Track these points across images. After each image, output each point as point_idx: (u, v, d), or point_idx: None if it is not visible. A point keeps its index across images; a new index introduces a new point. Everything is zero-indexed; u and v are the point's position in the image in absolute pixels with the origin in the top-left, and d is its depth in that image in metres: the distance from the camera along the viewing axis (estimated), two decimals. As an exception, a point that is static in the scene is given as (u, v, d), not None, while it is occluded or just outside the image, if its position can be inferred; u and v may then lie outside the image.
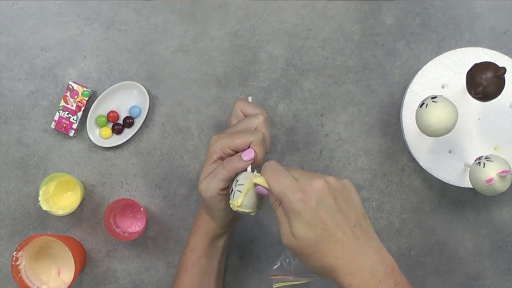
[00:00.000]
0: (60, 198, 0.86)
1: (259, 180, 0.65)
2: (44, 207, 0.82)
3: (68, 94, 0.85)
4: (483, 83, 0.74)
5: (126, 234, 0.86)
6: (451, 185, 0.85)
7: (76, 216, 0.88)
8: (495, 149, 0.85)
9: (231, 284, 0.88)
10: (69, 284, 0.80)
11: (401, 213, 0.89)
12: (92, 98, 0.87)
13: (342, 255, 0.60)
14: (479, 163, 0.76)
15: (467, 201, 0.89)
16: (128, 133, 0.87)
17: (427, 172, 0.85)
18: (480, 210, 0.89)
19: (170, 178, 0.88)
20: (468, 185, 0.81)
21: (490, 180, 0.74)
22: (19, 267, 0.80)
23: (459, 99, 0.82)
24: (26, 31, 0.87)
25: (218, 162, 0.72)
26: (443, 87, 0.86)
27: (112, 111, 0.86)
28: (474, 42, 0.88)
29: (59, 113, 0.86)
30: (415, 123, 0.77)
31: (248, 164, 0.70)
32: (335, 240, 0.60)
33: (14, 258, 0.79)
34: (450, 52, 0.85)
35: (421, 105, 0.76)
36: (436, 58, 0.85)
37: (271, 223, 0.88)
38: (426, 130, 0.76)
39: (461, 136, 0.85)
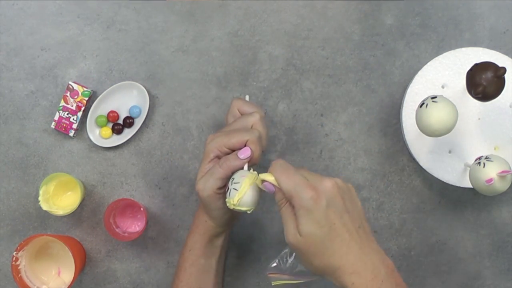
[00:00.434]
0: (60, 198, 0.86)
1: (267, 177, 0.65)
2: (44, 207, 0.82)
3: (68, 94, 0.85)
4: (483, 83, 0.74)
5: (126, 234, 0.86)
6: (451, 185, 0.85)
7: (76, 216, 0.88)
8: (495, 149, 0.85)
9: (231, 284, 0.88)
10: (69, 284, 0.80)
11: (401, 213, 0.89)
12: (92, 98, 0.87)
13: (347, 255, 0.61)
14: (479, 163, 0.76)
15: (467, 201, 0.89)
16: (128, 133, 0.87)
17: (427, 172, 0.85)
18: (480, 210, 0.89)
19: (170, 178, 0.88)
20: (468, 185, 0.81)
21: (490, 180, 0.74)
22: (19, 267, 0.80)
23: (459, 99, 0.82)
24: (26, 31, 0.87)
25: (215, 161, 0.72)
26: (443, 87, 0.86)
27: (112, 111, 0.86)
28: (474, 42, 0.88)
29: (59, 113, 0.86)
30: (415, 123, 0.77)
31: (245, 163, 0.70)
32: (341, 240, 0.61)
33: (14, 258, 0.79)
34: (450, 52, 0.85)
35: (421, 105, 0.76)
36: (436, 58, 0.85)
37: (271, 223, 0.88)
38: (426, 130, 0.76)
39: (461, 136, 0.85)
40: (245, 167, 0.70)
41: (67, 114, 0.86)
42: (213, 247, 0.78)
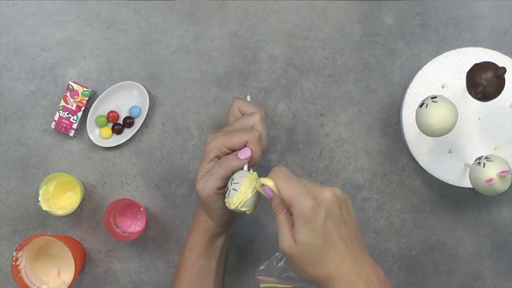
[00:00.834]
0: (60, 198, 0.86)
1: (267, 182, 0.65)
2: (44, 207, 0.82)
3: (68, 94, 0.85)
4: (483, 83, 0.74)
5: (126, 234, 0.86)
6: (451, 185, 0.85)
7: (76, 216, 0.88)
8: (495, 149, 0.85)
9: (231, 284, 0.88)
10: (69, 284, 0.80)
11: (401, 213, 0.89)
12: (92, 98, 0.87)
13: (342, 265, 0.61)
14: (479, 163, 0.76)
15: (467, 201, 0.89)
16: (128, 133, 0.87)
17: (427, 172, 0.85)
18: (480, 210, 0.89)
19: (170, 178, 0.88)
20: (468, 185, 0.81)
21: (490, 180, 0.74)
22: (19, 267, 0.80)
23: (459, 99, 0.82)
24: (26, 31, 0.87)
25: (215, 161, 0.72)
26: (443, 87, 0.86)
27: (112, 111, 0.86)
28: (474, 42, 0.88)
29: (59, 113, 0.86)
30: (415, 123, 0.77)
31: (245, 163, 0.70)
32: (337, 250, 0.61)
33: (14, 258, 0.79)
34: (450, 52, 0.85)
35: (421, 105, 0.76)
36: (436, 58, 0.85)
37: (271, 223, 0.88)
38: (426, 130, 0.76)
39: (461, 136, 0.85)
40: (245, 168, 0.70)
41: (67, 114, 0.86)
42: (213, 247, 0.78)
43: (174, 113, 0.88)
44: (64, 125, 0.86)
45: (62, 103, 0.86)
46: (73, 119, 0.86)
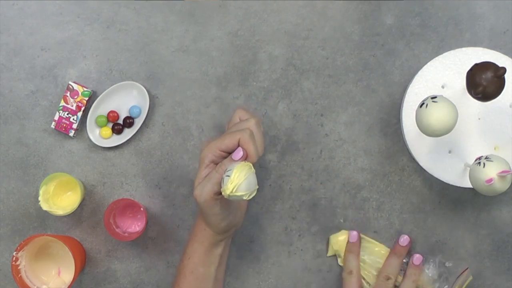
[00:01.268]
0: (60, 198, 0.86)
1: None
2: (44, 207, 0.82)
3: (68, 94, 0.85)
4: (483, 83, 0.74)
5: (126, 234, 0.86)
6: (451, 185, 0.85)
7: (76, 216, 0.88)
8: (495, 149, 0.85)
9: (231, 284, 0.88)
10: (69, 284, 0.80)
11: (401, 213, 0.89)
12: (92, 98, 0.87)
13: None
14: (479, 163, 0.76)
15: (467, 201, 0.89)
16: (128, 133, 0.87)
17: (427, 172, 0.85)
18: (480, 210, 0.89)
19: (170, 178, 0.88)
20: (468, 185, 0.81)
21: (490, 180, 0.74)
22: (19, 267, 0.80)
23: (459, 99, 0.82)
24: (26, 31, 0.87)
25: (211, 166, 0.72)
26: (443, 87, 0.86)
27: (112, 111, 0.86)
28: (474, 42, 0.88)
29: (59, 113, 0.86)
30: (415, 123, 0.77)
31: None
32: None
33: (14, 258, 0.79)
34: (450, 52, 0.85)
35: (421, 105, 0.76)
36: (436, 58, 0.85)
37: (271, 223, 0.88)
38: (426, 130, 0.76)
39: (461, 136, 0.85)
40: None
41: (67, 114, 0.86)
42: (212, 256, 0.78)
43: (174, 113, 0.88)
44: (64, 125, 0.86)
45: (62, 103, 0.86)
46: (73, 119, 0.86)
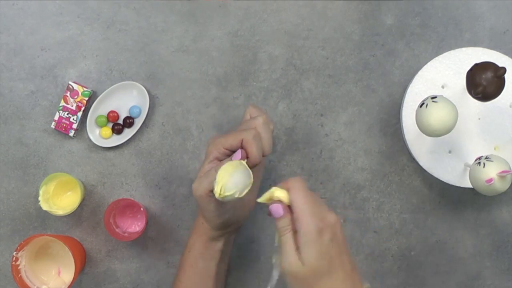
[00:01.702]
0: (60, 198, 0.86)
1: (280, 194, 0.64)
2: (44, 207, 0.82)
3: (68, 94, 0.85)
4: (483, 83, 0.74)
5: (126, 234, 0.86)
6: (451, 185, 0.85)
7: (76, 216, 0.88)
8: (495, 149, 0.85)
9: (231, 284, 0.88)
10: (69, 284, 0.80)
11: (401, 213, 0.89)
12: (92, 98, 0.87)
13: None
14: (479, 163, 0.76)
15: (467, 201, 0.89)
16: (128, 133, 0.87)
17: (427, 172, 0.85)
18: (480, 210, 0.89)
19: (170, 178, 0.88)
20: (468, 185, 0.81)
21: (490, 180, 0.74)
22: (19, 267, 0.80)
23: (459, 99, 0.82)
24: (26, 31, 0.87)
25: (215, 162, 0.72)
26: (443, 87, 0.86)
27: (112, 111, 0.86)
28: (474, 42, 0.88)
29: (59, 113, 0.86)
30: (415, 123, 0.77)
31: None
32: (338, 277, 0.62)
33: (14, 258, 0.79)
34: (450, 52, 0.85)
35: (421, 105, 0.76)
36: (436, 58, 0.85)
37: (271, 224, 0.88)
38: (426, 130, 0.76)
39: (461, 136, 0.85)
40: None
41: (67, 114, 0.86)
42: (212, 250, 0.78)
43: (174, 113, 0.88)
44: (64, 125, 0.86)
45: (62, 103, 0.86)
46: (73, 119, 0.86)
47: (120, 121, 0.87)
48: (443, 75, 0.85)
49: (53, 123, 0.86)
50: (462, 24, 0.88)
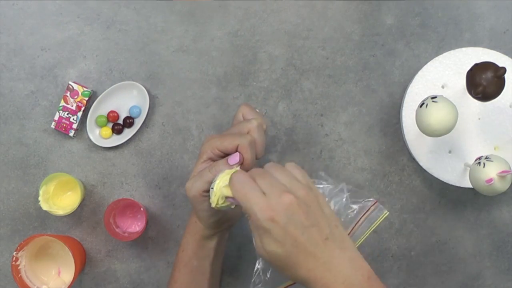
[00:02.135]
0: (60, 198, 0.86)
1: (227, 192, 0.64)
2: (44, 207, 0.82)
3: (68, 94, 0.85)
4: (483, 83, 0.74)
5: (126, 234, 0.86)
6: (451, 185, 0.85)
7: (76, 216, 0.88)
8: (495, 149, 0.85)
9: (231, 284, 0.88)
10: (69, 284, 0.80)
11: (401, 213, 0.89)
12: (92, 98, 0.87)
13: (315, 268, 0.60)
14: (479, 163, 0.76)
15: (467, 201, 0.89)
16: (128, 133, 0.87)
17: (427, 172, 0.85)
18: (480, 210, 0.89)
19: (170, 178, 0.88)
20: (468, 185, 0.81)
21: (490, 180, 0.74)
22: (19, 267, 0.80)
23: (459, 99, 0.82)
24: (26, 31, 0.87)
25: (208, 162, 0.72)
26: (443, 87, 0.86)
27: (112, 111, 0.86)
28: (474, 42, 0.88)
29: (59, 113, 0.86)
30: (415, 123, 0.77)
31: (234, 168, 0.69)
32: (306, 255, 0.60)
33: (14, 258, 0.79)
34: (450, 52, 0.85)
35: (421, 105, 0.76)
36: (436, 58, 0.85)
37: (271, 223, 0.88)
38: (426, 130, 0.76)
39: (461, 136, 0.85)
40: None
41: (67, 114, 0.86)
42: (205, 249, 0.78)
43: (174, 113, 0.88)
44: (64, 125, 0.86)
45: (62, 103, 0.86)
46: (73, 119, 0.86)
47: (120, 121, 0.87)
48: (443, 75, 0.85)
49: (53, 123, 0.86)
50: (462, 24, 0.88)
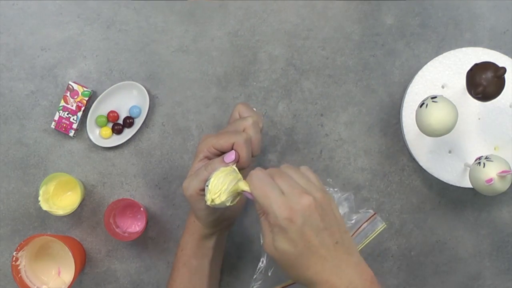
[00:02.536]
0: (60, 198, 0.86)
1: (245, 187, 0.65)
2: (44, 207, 0.82)
3: (68, 94, 0.85)
4: (483, 83, 0.74)
5: (126, 234, 0.86)
6: (451, 185, 0.85)
7: (76, 216, 0.88)
8: (495, 149, 0.85)
9: (231, 284, 0.88)
10: (69, 284, 0.80)
11: (401, 213, 0.89)
12: (92, 98, 0.87)
13: (322, 271, 0.61)
14: (479, 163, 0.76)
15: (467, 201, 0.89)
16: (128, 133, 0.87)
17: (427, 172, 0.85)
18: (480, 210, 0.89)
19: (170, 178, 0.88)
20: (468, 185, 0.81)
21: (490, 180, 0.74)
22: (19, 267, 0.80)
23: (459, 99, 0.82)
24: (26, 31, 0.87)
25: (205, 161, 0.72)
26: (443, 87, 0.86)
27: (112, 111, 0.86)
28: (474, 42, 0.88)
29: (59, 113, 0.86)
30: (415, 123, 0.77)
31: (230, 166, 0.69)
32: (317, 257, 0.61)
33: (14, 258, 0.79)
34: (450, 52, 0.85)
35: (421, 105, 0.76)
36: (436, 58, 0.85)
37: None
38: (426, 130, 0.76)
39: (461, 136, 0.85)
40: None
41: (67, 114, 0.86)
42: (204, 248, 0.78)
43: (174, 113, 0.88)
44: (64, 125, 0.86)
45: (62, 103, 0.86)
46: (73, 119, 0.86)
47: (120, 121, 0.87)
48: (443, 75, 0.85)
49: (53, 123, 0.86)
50: (462, 24, 0.88)
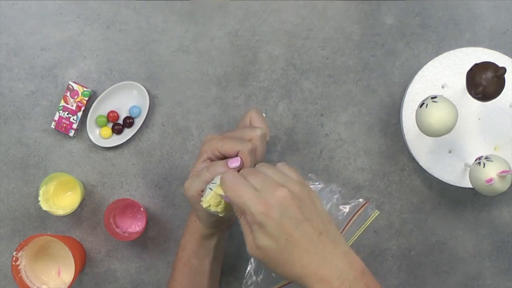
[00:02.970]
0: (60, 198, 0.86)
1: (219, 191, 0.65)
2: (44, 207, 0.82)
3: (68, 94, 0.85)
4: (483, 83, 0.74)
5: (126, 234, 0.86)
6: (451, 185, 0.85)
7: (76, 216, 0.88)
8: (495, 149, 0.85)
9: (231, 284, 0.88)
10: (69, 284, 0.80)
11: (401, 213, 0.89)
12: (92, 98, 0.87)
13: (309, 264, 0.59)
14: (479, 163, 0.76)
15: (467, 201, 0.89)
16: (128, 133, 0.87)
17: (427, 172, 0.85)
18: (480, 210, 0.89)
19: (170, 178, 0.88)
20: (468, 185, 0.81)
21: (490, 180, 0.74)
22: (19, 267, 0.80)
23: (459, 99, 0.82)
24: (26, 31, 0.87)
25: (207, 162, 0.72)
26: (443, 87, 0.86)
27: (112, 111, 0.86)
28: (474, 42, 0.88)
29: (59, 113, 0.86)
30: (415, 123, 0.77)
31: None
32: (301, 250, 0.59)
33: (14, 258, 0.79)
34: (450, 52, 0.85)
35: (421, 105, 0.76)
36: (436, 58, 0.85)
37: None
38: (426, 130, 0.76)
39: (461, 136, 0.85)
40: None
41: (67, 114, 0.86)
42: (205, 248, 0.78)
43: (174, 113, 0.88)
44: (64, 125, 0.86)
45: (62, 103, 0.86)
46: (73, 119, 0.86)
47: (120, 121, 0.87)
48: (443, 75, 0.85)
49: (53, 123, 0.86)
50: (462, 24, 0.88)
